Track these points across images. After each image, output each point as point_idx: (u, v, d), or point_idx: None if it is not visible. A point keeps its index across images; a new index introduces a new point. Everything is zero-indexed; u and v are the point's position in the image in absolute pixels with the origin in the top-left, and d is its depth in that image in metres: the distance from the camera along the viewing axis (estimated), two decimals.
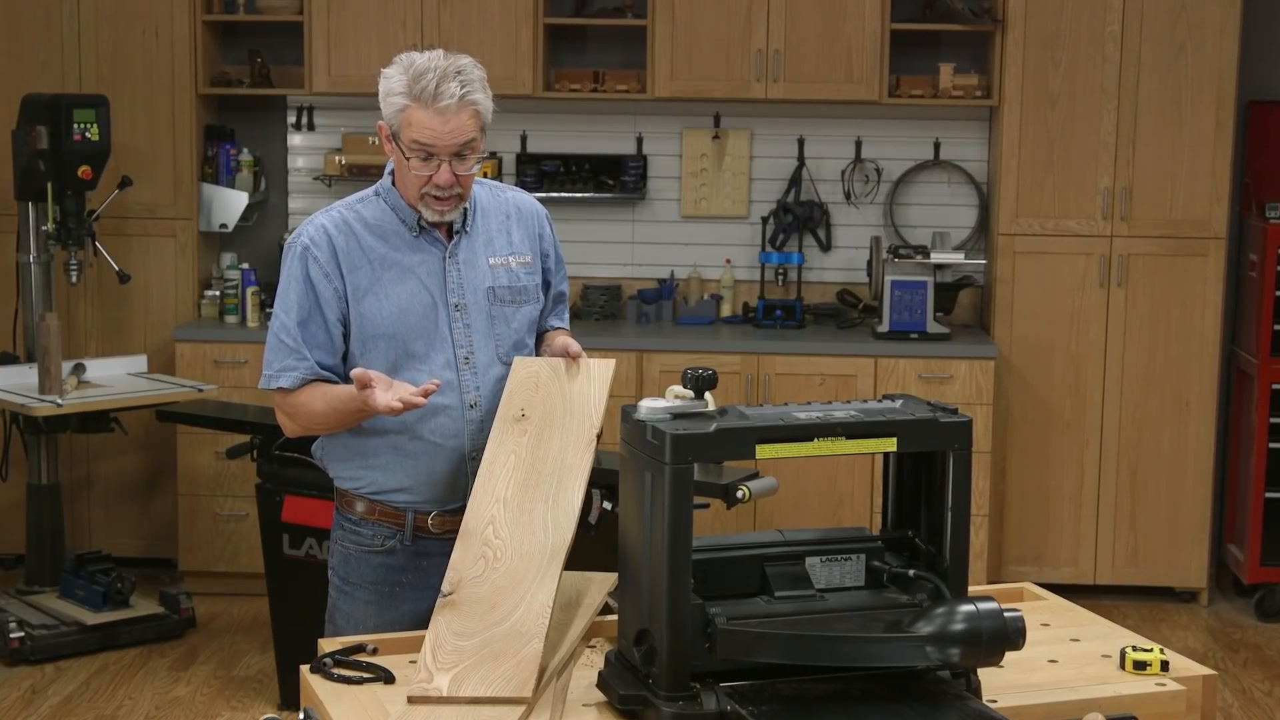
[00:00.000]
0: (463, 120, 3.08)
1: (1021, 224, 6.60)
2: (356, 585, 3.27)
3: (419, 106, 3.07)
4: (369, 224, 3.21)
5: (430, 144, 3.08)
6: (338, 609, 3.31)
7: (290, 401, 3.20)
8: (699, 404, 2.51)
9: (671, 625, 2.39)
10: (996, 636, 2.39)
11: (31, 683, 5.67)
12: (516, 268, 3.29)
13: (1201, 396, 6.61)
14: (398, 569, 3.24)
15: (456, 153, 3.11)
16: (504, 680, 2.58)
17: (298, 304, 3.18)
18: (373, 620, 3.23)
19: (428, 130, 3.07)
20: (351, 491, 3.27)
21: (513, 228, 3.32)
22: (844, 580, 2.62)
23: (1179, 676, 2.71)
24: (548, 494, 2.93)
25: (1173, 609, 6.67)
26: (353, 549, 3.28)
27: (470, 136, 3.11)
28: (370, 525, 3.25)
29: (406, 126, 3.09)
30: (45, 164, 6.06)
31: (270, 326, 3.25)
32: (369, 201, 3.25)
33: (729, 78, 6.63)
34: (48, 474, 6.29)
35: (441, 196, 3.15)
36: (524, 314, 3.29)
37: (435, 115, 3.07)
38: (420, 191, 3.15)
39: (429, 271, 3.21)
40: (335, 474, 3.31)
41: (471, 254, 3.25)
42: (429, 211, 3.18)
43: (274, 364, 3.21)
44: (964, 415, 2.56)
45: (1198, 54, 6.48)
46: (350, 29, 6.65)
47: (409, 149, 3.10)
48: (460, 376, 3.20)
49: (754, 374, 6.42)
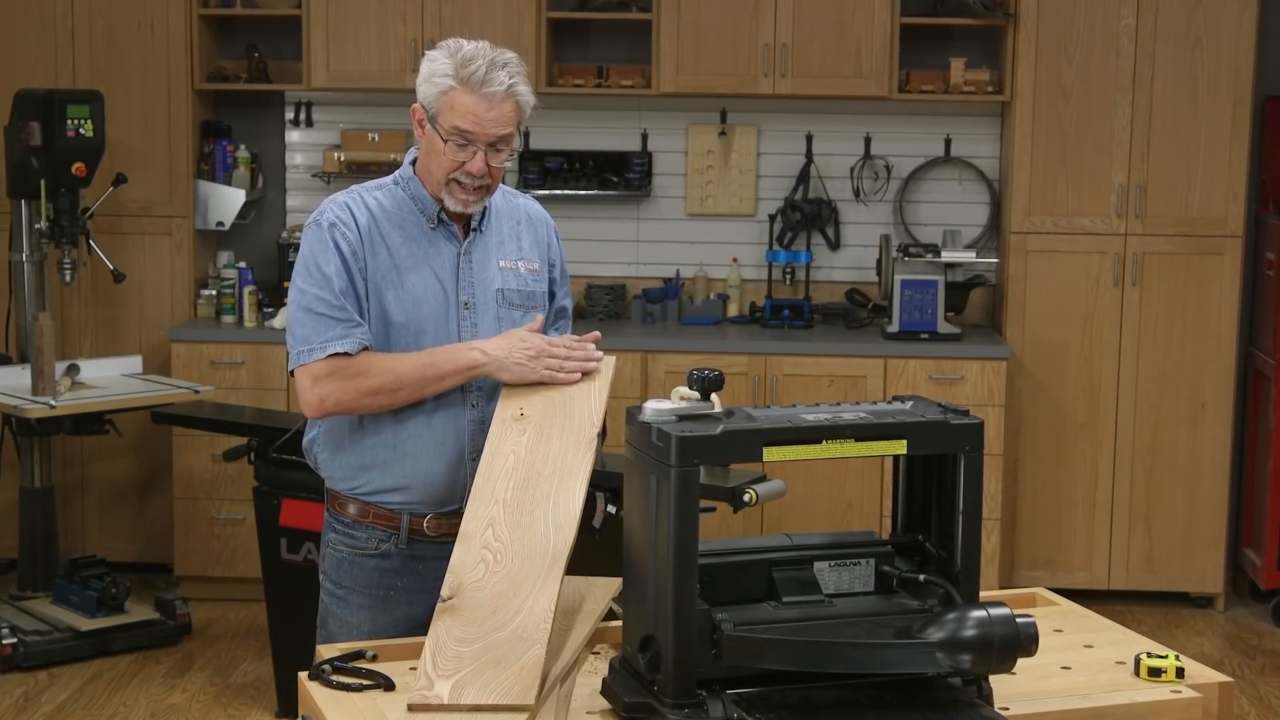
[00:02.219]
0: (506, 110, 3.10)
1: (1034, 222, 6.60)
2: (350, 590, 3.26)
3: (465, 90, 3.07)
4: (387, 209, 3.20)
5: (471, 130, 3.08)
6: (331, 614, 3.29)
7: (345, 366, 3.08)
8: (705, 406, 2.51)
9: (677, 631, 2.39)
10: (1008, 643, 2.39)
11: (24, 690, 5.68)
12: (525, 273, 3.30)
13: (1218, 398, 6.61)
14: (393, 573, 3.23)
15: (493, 143, 3.12)
16: (506, 687, 2.58)
17: (336, 275, 3.11)
18: (367, 626, 3.22)
19: (470, 115, 3.08)
20: (345, 493, 3.25)
21: (523, 233, 3.34)
22: (853, 585, 2.62)
23: (1195, 684, 2.71)
24: (548, 495, 2.92)
25: (1188, 615, 6.66)
26: (346, 553, 3.26)
27: (509, 129, 3.12)
28: (364, 528, 3.23)
29: (449, 110, 3.09)
30: (38, 161, 6.06)
31: (297, 304, 3.15)
32: (387, 189, 3.24)
33: (736, 73, 6.63)
34: (41, 477, 6.29)
35: (470, 186, 3.15)
36: (529, 320, 3.28)
37: (481, 100, 3.07)
38: (449, 177, 3.15)
39: (443, 266, 3.21)
40: (328, 474, 3.29)
41: (484, 254, 3.26)
42: (453, 200, 3.17)
43: (315, 337, 3.10)
44: (975, 417, 2.55)
45: (1213, 49, 6.47)
46: (349, 23, 6.65)
47: (448, 133, 3.10)
48: None
49: (761, 375, 6.42)
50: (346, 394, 3.10)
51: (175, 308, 6.80)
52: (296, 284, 3.17)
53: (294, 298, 3.17)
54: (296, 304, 3.15)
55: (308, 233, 3.19)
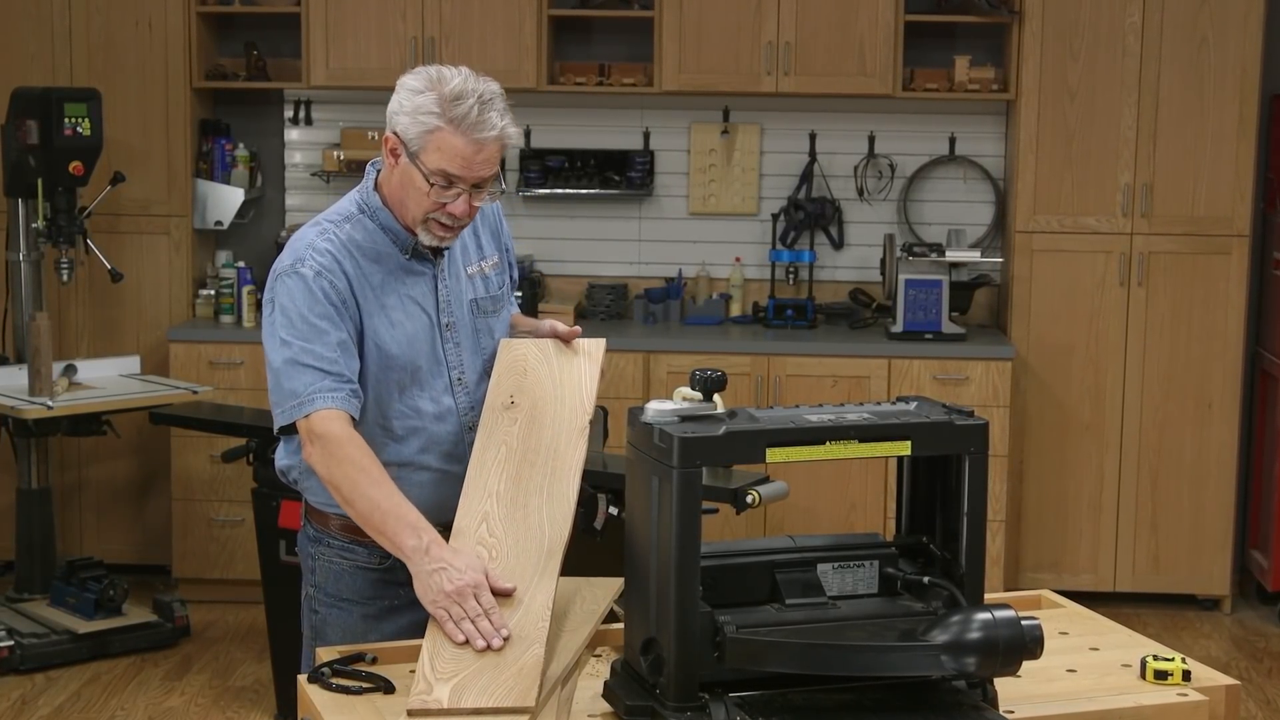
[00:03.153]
0: (493, 152, 2.97)
1: (1039, 221, 6.60)
2: (351, 601, 3.17)
3: (455, 133, 2.93)
4: (362, 247, 3.07)
5: (458, 174, 2.96)
6: (330, 624, 3.19)
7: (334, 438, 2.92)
8: (707, 406, 2.51)
9: (679, 634, 2.39)
10: (1013, 645, 2.39)
11: (21, 693, 5.68)
12: (489, 271, 3.24)
13: (1224, 398, 6.61)
14: (396, 585, 3.11)
15: (477, 183, 3.00)
16: (506, 689, 2.58)
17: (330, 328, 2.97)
18: (373, 635, 3.12)
19: (459, 159, 2.94)
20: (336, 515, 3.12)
21: (479, 228, 3.26)
22: (857, 587, 2.62)
23: (1201, 686, 2.71)
24: (541, 487, 2.90)
25: (1195, 617, 6.66)
26: (346, 565, 3.17)
27: (495, 169, 3.01)
28: (364, 546, 3.12)
29: (434, 151, 2.95)
30: (35, 159, 6.06)
31: (280, 358, 2.98)
32: (356, 222, 3.10)
33: (738, 70, 6.63)
34: (38, 478, 6.29)
35: (449, 225, 3.05)
36: (502, 322, 3.24)
37: (470, 144, 2.94)
38: (426, 216, 3.03)
39: (423, 294, 3.13)
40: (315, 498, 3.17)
41: (454, 268, 3.18)
42: (429, 237, 3.07)
43: (301, 390, 2.95)
44: (980, 418, 2.55)
45: (1220, 46, 6.47)
46: (349, 20, 6.65)
47: (432, 174, 2.96)
48: (456, 399, 3.14)
49: (764, 375, 6.42)
50: (323, 467, 2.96)
51: (173, 308, 6.80)
52: (278, 336, 2.99)
53: (276, 351, 2.99)
54: (281, 358, 2.97)
55: (286, 282, 3.00)
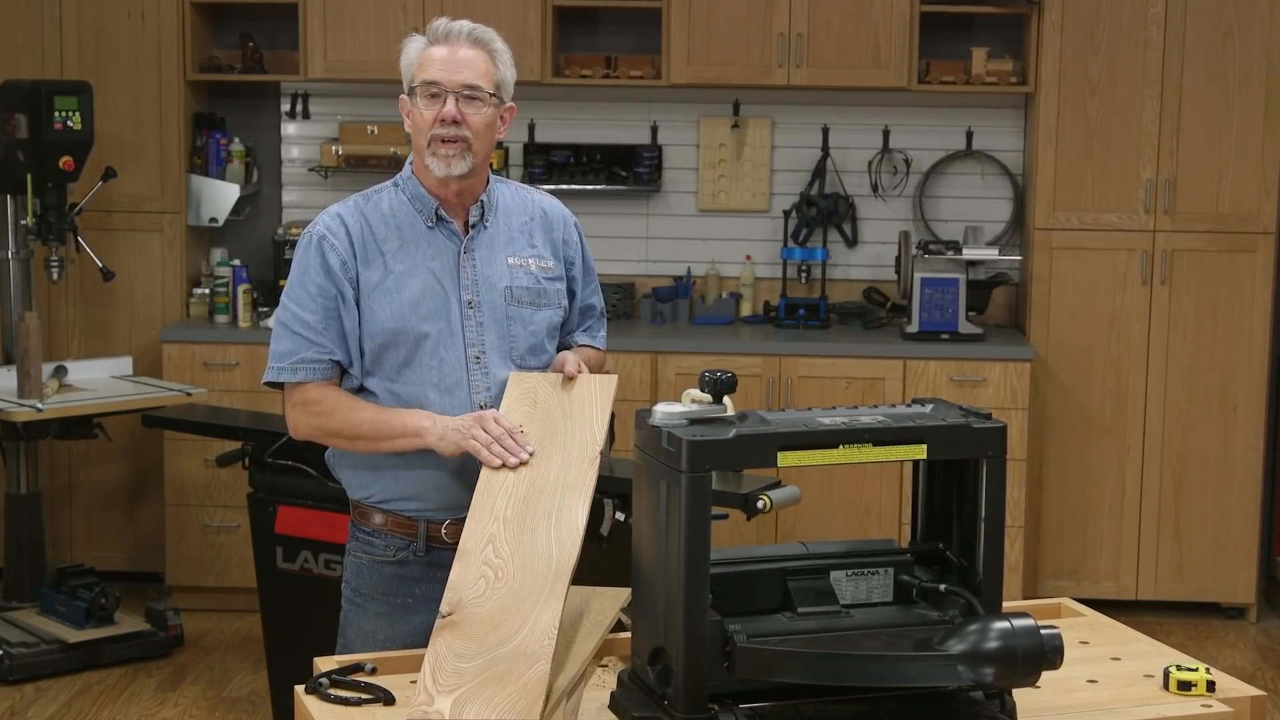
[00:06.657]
0: (471, 56, 3.23)
1: (1059, 218, 6.60)
2: (368, 597, 3.32)
3: (431, 45, 3.25)
4: (384, 214, 3.29)
5: (438, 79, 3.20)
6: (349, 622, 3.36)
7: (314, 399, 3.25)
8: (717, 409, 2.52)
9: (688, 643, 2.39)
10: (1032, 655, 2.39)
11: (10, 704, 5.69)
12: (537, 270, 3.35)
13: (1249, 400, 6.60)
14: (411, 580, 3.29)
15: (464, 93, 3.20)
16: (509, 703, 2.58)
17: (319, 295, 3.23)
18: (384, 633, 3.28)
19: (436, 63, 3.22)
20: (364, 502, 3.33)
21: (535, 230, 3.39)
22: (871, 595, 2.62)
23: (1226, 697, 2.71)
24: (550, 511, 2.94)
25: (1219, 626, 6.66)
26: (365, 559, 3.33)
27: (479, 80, 3.22)
28: (383, 536, 3.30)
29: (420, 70, 3.24)
30: (24, 154, 6.08)
31: (278, 316, 3.30)
32: (386, 192, 3.34)
33: (749, 63, 6.63)
34: (27, 483, 6.30)
35: (448, 138, 3.21)
36: (544, 318, 3.33)
37: (444, 47, 3.23)
38: (429, 136, 3.22)
39: (443, 266, 3.26)
40: (347, 483, 3.38)
41: (489, 251, 3.31)
42: (436, 163, 3.22)
43: (287, 355, 3.26)
44: (998, 420, 2.56)
45: (1245, 38, 6.47)
46: (348, 11, 6.66)
47: (420, 90, 3.22)
48: (470, 376, 3.25)
49: (775, 377, 6.42)
50: (313, 428, 3.27)
51: (167, 307, 6.81)
52: (285, 295, 3.31)
53: (280, 308, 3.32)
54: (279, 317, 3.31)
55: (300, 244, 3.30)
